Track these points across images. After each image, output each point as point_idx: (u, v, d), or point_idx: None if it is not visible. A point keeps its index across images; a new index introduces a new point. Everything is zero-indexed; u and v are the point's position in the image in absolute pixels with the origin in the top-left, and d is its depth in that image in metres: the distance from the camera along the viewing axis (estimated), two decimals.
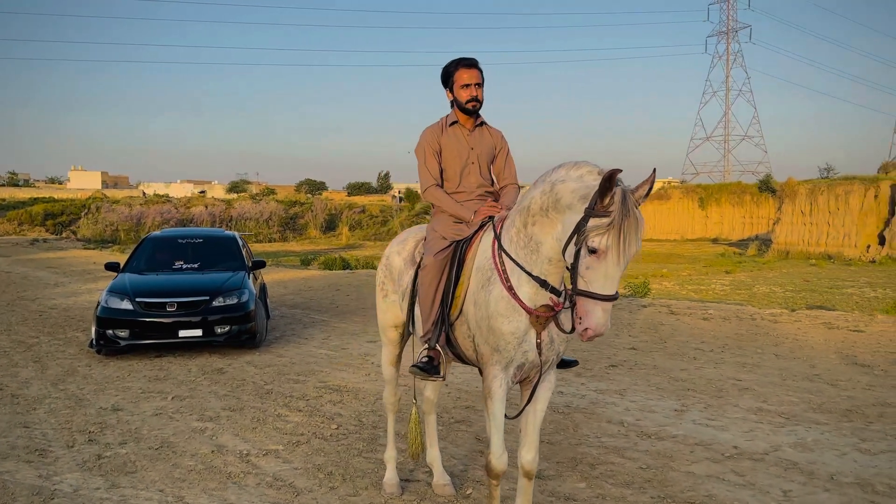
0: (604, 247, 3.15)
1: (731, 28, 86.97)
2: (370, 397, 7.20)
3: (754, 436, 5.90)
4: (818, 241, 39.57)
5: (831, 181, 42.58)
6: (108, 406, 6.95)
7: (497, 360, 3.70)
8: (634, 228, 3.14)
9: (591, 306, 3.21)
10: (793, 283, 24.41)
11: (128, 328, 9.17)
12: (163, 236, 11.63)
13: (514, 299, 3.61)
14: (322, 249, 42.45)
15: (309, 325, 11.74)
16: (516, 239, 3.65)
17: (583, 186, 3.33)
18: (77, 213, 54.81)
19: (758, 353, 9.27)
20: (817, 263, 33.81)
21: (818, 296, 20.66)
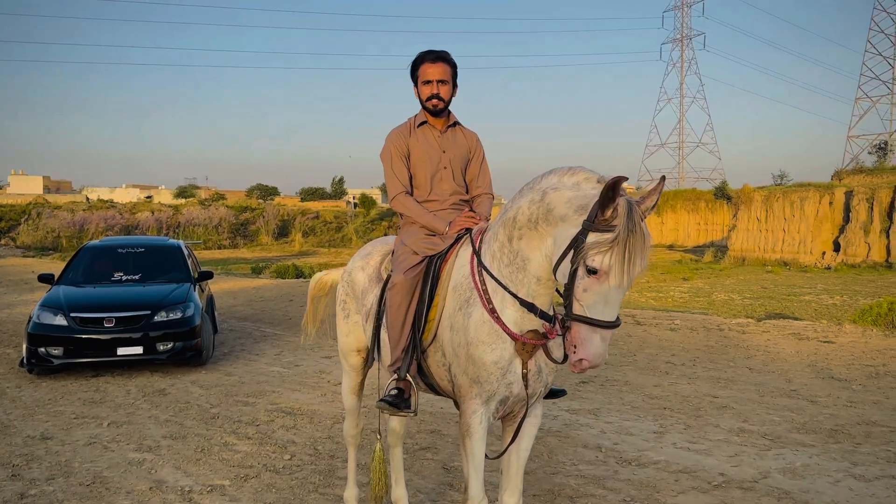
0: (605, 267, 2.71)
1: (686, 35, 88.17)
2: (326, 421, 6.65)
3: (740, 461, 5.53)
4: (774, 247, 40.10)
5: (786, 188, 43.24)
6: (37, 434, 6.27)
7: (477, 394, 3.22)
8: (641, 246, 2.71)
9: (588, 334, 2.79)
10: (750, 290, 24.51)
11: (62, 346, 8.44)
12: (101, 245, 10.87)
13: (498, 324, 3.14)
14: (274, 256, 41.53)
15: (260, 340, 11.10)
16: (500, 255, 3.19)
17: (580, 196, 2.89)
18: (17, 220, 52.76)
19: (731, 366, 8.97)
20: (773, 270, 34.18)
21: (777, 303, 20.71)
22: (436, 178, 3.78)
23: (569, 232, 2.85)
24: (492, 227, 3.32)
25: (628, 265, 2.69)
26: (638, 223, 2.70)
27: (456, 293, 3.33)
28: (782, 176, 56.93)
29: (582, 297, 2.78)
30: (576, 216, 2.84)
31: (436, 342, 3.41)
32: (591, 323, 2.77)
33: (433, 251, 3.57)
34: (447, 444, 5.94)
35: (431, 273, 3.51)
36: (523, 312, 3.12)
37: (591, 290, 2.76)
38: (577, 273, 2.79)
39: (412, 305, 3.48)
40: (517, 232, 3.10)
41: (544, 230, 2.99)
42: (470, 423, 3.24)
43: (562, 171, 3.03)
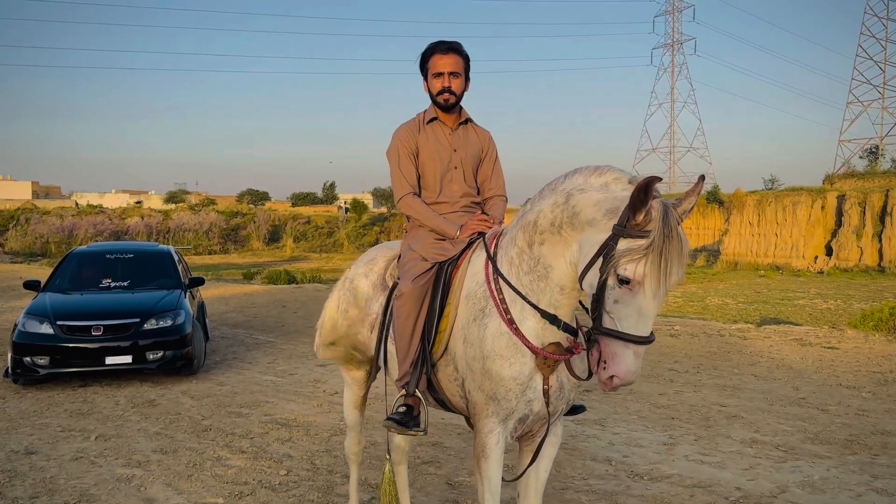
0: (639, 276, 2.48)
1: (677, 40, 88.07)
2: (323, 433, 6.40)
3: (756, 474, 5.31)
4: (766, 251, 40.05)
5: (779, 192, 43.20)
6: (21, 448, 5.99)
7: (494, 412, 2.98)
8: (678, 253, 2.49)
9: (621, 349, 2.56)
10: (744, 294, 24.33)
11: (48, 355, 8.15)
12: (89, 251, 10.57)
13: (517, 336, 2.90)
14: (265, 262, 41.18)
15: (253, 348, 10.83)
16: (518, 261, 2.95)
17: (609, 198, 2.65)
18: (5, 225, 52.17)
19: (735, 373, 8.77)
20: (766, 274, 34.05)
21: (771, 308, 20.54)
22: (446, 179, 3.54)
23: (597, 237, 2.62)
24: (508, 232, 3.08)
25: (664, 274, 2.47)
26: (674, 228, 2.48)
27: (469, 302, 3.09)
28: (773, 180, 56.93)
29: (612, 308, 2.56)
30: (605, 220, 2.61)
31: (447, 355, 3.17)
32: (623, 338, 2.55)
33: (444, 257, 3.33)
34: (450, 458, 5.70)
35: (442, 281, 3.26)
36: (545, 323, 2.90)
37: (623, 301, 2.54)
38: (607, 283, 2.56)
39: (421, 316, 3.23)
40: (538, 237, 2.87)
41: (569, 235, 2.76)
42: (486, 444, 3.00)
43: (588, 171, 2.79)
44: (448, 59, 3.48)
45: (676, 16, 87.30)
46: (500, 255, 3.07)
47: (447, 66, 3.47)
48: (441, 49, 3.50)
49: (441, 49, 3.50)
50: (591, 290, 2.65)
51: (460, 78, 3.52)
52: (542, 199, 2.91)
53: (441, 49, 3.50)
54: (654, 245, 2.45)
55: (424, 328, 3.23)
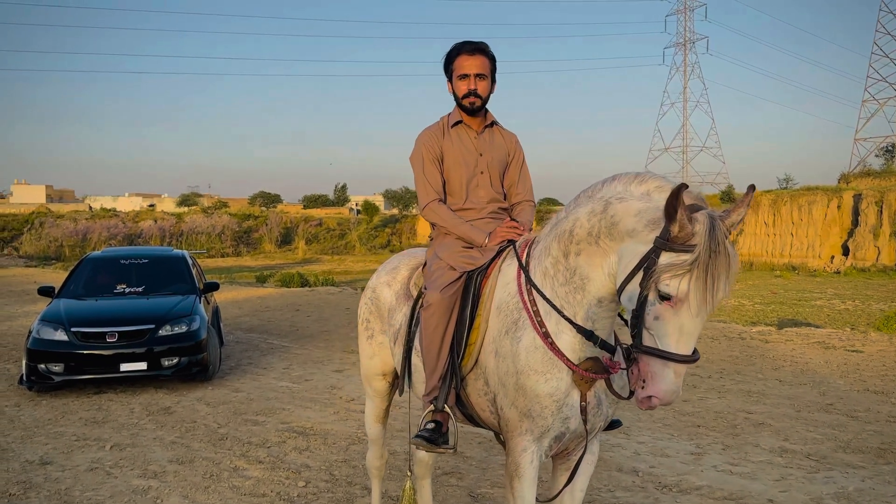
0: (682, 293, 2.34)
1: (689, 39, 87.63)
2: (341, 442, 6.28)
3: (788, 485, 5.15)
4: (782, 251, 39.66)
5: (794, 192, 42.80)
6: (36, 458, 5.91)
7: (528, 429, 2.84)
8: (725, 269, 2.33)
9: (660, 368, 2.42)
10: (760, 295, 24.10)
11: (63, 362, 8.07)
12: (103, 256, 10.50)
13: (552, 351, 2.76)
14: (278, 264, 41.19)
15: (267, 353, 10.73)
16: (553, 272, 2.81)
17: (651, 208, 2.51)
18: (19, 229, 52.45)
19: (759, 378, 8.59)
20: (782, 275, 33.76)
21: (788, 308, 20.32)
22: (472, 184, 3.40)
23: (637, 249, 2.48)
24: (542, 240, 2.94)
25: (710, 292, 2.31)
26: (722, 242, 2.32)
27: (501, 314, 2.95)
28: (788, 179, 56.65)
29: (653, 325, 2.42)
30: (646, 231, 2.46)
31: (477, 369, 3.03)
32: (664, 357, 2.40)
33: (472, 266, 3.19)
34: (472, 469, 5.57)
35: (472, 291, 3.12)
36: (582, 337, 2.75)
37: (664, 318, 2.39)
38: (648, 299, 2.42)
39: (450, 327, 3.09)
40: (574, 247, 2.73)
41: (607, 245, 2.62)
42: (519, 463, 2.86)
43: (628, 178, 2.65)
44: (474, 61, 3.35)
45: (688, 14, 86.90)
46: (532, 265, 2.93)
47: (473, 68, 3.34)
48: (467, 50, 3.36)
49: (467, 50, 3.36)
50: (631, 304, 2.51)
51: (486, 80, 3.39)
52: (578, 207, 2.78)
53: (467, 50, 3.36)
54: (699, 260, 2.30)
55: (453, 340, 3.09)
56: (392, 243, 52.47)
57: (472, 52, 3.36)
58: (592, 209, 2.69)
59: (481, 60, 3.37)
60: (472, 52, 3.36)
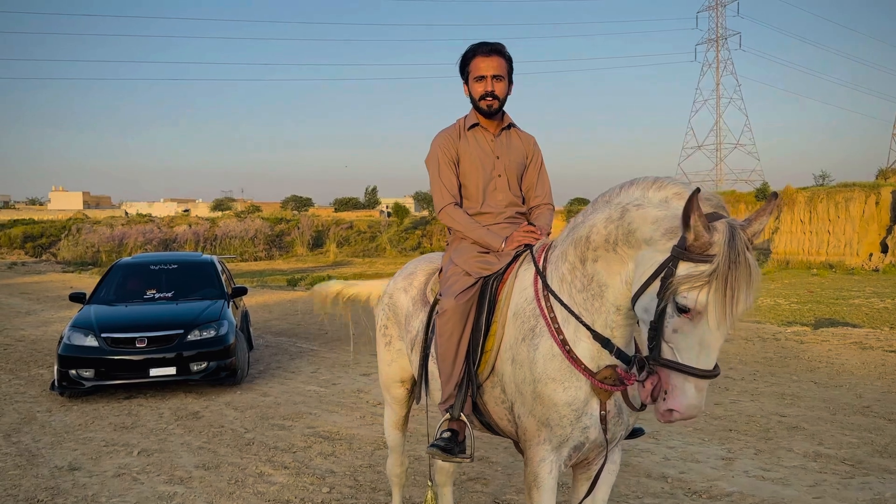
0: (700, 306, 2.24)
1: (721, 35, 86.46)
2: (366, 447, 6.25)
3: (822, 491, 5.00)
4: (819, 249, 38.88)
5: (830, 188, 41.94)
6: (65, 464, 5.96)
7: (547, 438, 2.77)
8: (746, 280, 2.23)
9: (681, 382, 2.34)
10: (797, 294, 23.61)
11: (93, 367, 8.17)
12: (133, 262, 10.63)
13: (569, 359, 2.69)
14: (309, 267, 41.40)
15: (296, 356, 10.77)
16: (570, 278, 2.74)
17: (669, 216, 2.42)
18: (57, 235, 53.41)
19: (794, 380, 8.40)
20: (819, 273, 33.06)
21: (825, 307, 19.88)
22: (489, 188, 3.34)
23: (654, 258, 2.40)
24: (559, 245, 2.87)
25: (730, 304, 2.21)
26: (742, 252, 2.22)
27: (518, 320, 2.88)
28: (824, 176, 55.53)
29: (672, 338, 2.33)
30: (664, 240, 2.38)
31: (494, 376, 2.96)
32: (684, 371, 2.31)
33: (488, 271, 3.13)
34: (497, 474, 5.50)
35: (487, 296, 3.05)
36: (600, 345, 2.68)
37: (683, 331, 2.30)
38: (666, 311, 2.32)
39: (465, 334, 3.03)
40: (591, 253, 2.66)
41: (625, 253, 2.55)
42: (538, 473, 2.79)
43: (646, 184, 2.56)
44: (491, 62, 3.29)
45: (720, 10, 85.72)
46: (549, 271, 2.86)
47: (490, 69, 3.29)
48: (483, 51, 3.30)
49: (483, 51, 3.30)
50: (646, 315, 2.42)
51: (503, 82, 3.33)
52: (595, 212, 2.70)
53: (483, 51, 3.30)
54: (718, 271, 2.20)
55: (469, 347, 3.03)
56: (422, 245, 52.48)
57: (489, 53, 3.30)
58: (609, 216, 2.61)
59: (498, 61, 3.31)
60: (489, 54, 3.30)
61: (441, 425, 3.13)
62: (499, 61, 3.31)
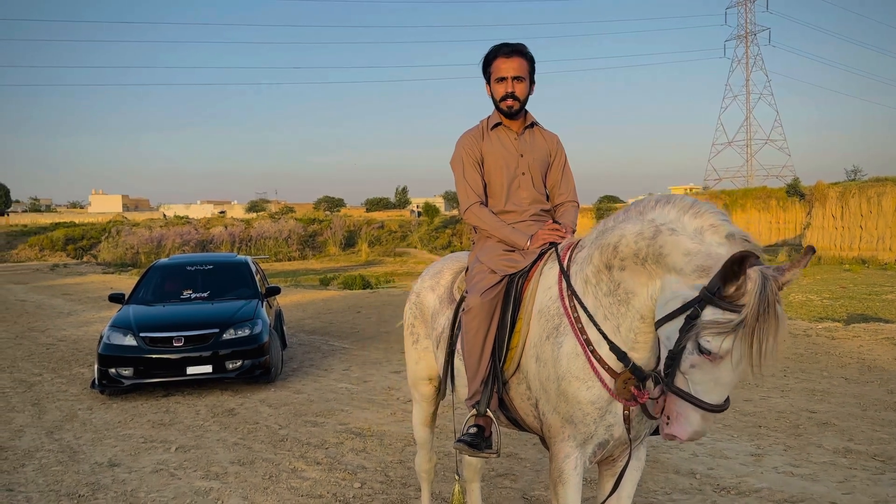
0: (723, 352, 2.26)
1: (750, 31, 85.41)
2: (397, 443, 6.36)
3: (852, 487, 4.99)
4: (851, 245, 38.20)
5: (862, 183, 41.16)
6: (105, 461, 6.16)
7: (571, 435, 2.81)
8: (773, 333, 2.21)
9: (688, 411, 2.40)
10: (829, 289, 23.25)
11: (132, 366, 8.41)
12: (170, 263, 10.89)
13: (592, 361, 2.72)
14: (342, 267, 41.72)
15: (328, 354, 10.93)
16: (595, 280, 2.76)
17: (702, 252, 2.39)
18: (97, 237, 54.49)
19: (825, 376, 8.33)
20: (852, 268, 32.49)
21: (857, 303, 19.56)
22: (513, 186, 3.39)
23: (682, 290, 2.39)
24: (585, 246, 2.89)
25: (755, 356, 2.21)
26: (772, 304, 2.20)
27: (542, 318, 2.92)
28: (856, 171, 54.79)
29: (688, 372, 2.36)
30: (693, 276, 2.37)
31: (519, 373, 3.02)
32: (693, 403, 2.36)
33: (513, 269, 3.18)
34: (526, 470, 5.57)
35: (513, 294, 3.11)
36: (625, 347, 2.70)
37: (701, 369, 2.33)
38: (687, 347, 2.34)
39: (491, 331, 3.09)
40: (618, 262, 2.67)
41: (653, 270, 2.55)
42: (563, 469, 2.83)
43: (682, 206, 2.53)
44: (512, 63, 3.34)
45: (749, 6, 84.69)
46: (574, 271, 2.89)
47: (511, 70, 3.34)
48: (504, 52, 3.36)
49: (504, 52, 3.36)
50: (667, 342, 2.44)
51: (524, 82, 3.37)
52: (626, 222, 2.70)
53: (504, 52, 3.36)
54: (746, 323, 2.19)
55: (495, 344, 3.09)
56: (453, 244, 52.58)
57: (510, 54, 3.35)
58: (641, 232, 2.60)
59: (519, 62, 3.36)
60: (510, 55, 3.35)
61: (468, 421, 3.19)
62: (520, 62, 3.35)
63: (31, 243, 54.54)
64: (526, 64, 3.38)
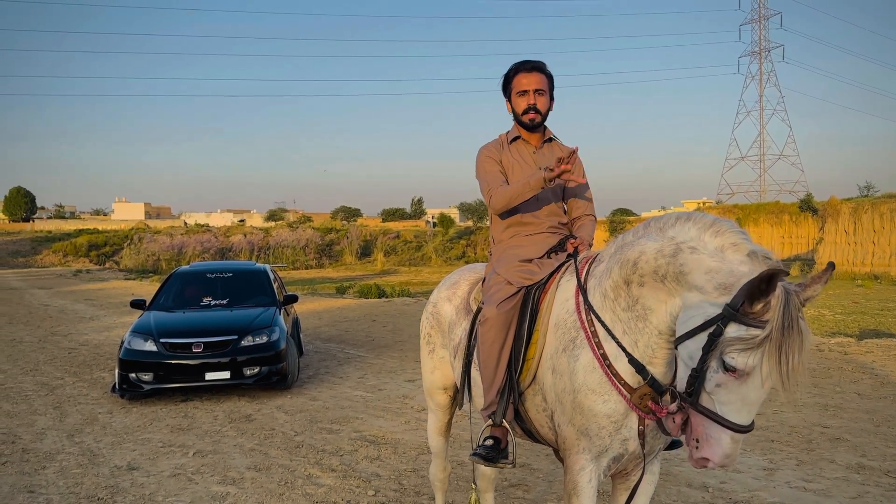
0: (749, 368, 2.24)
1: (764, 48, 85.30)
2: (411, 451, 6.43)
3: (865, 503, 5.00)
4: (863, 260, 37.93)
5: (875, 199, 40.89)
6: (124, 464, 6.27)
7: (586, 448, 2.83)
8: (798, 348, 2.20)
9: (717, 433, 2.34)
10: (841, 304, 23.06)
11: (152, 371, 8.54)
12: (191, 271, 11.05)
13: (608, 375, 2.75)
14: (358, 276, 41.91)
15: (344, 362, 11.03)
16: (613, 296, 2.78)
17: (724, 270, 2.40)
18: (120, 244, 55.17)
19: (838, 391, 8.31)
20: (864, 284, 32.20)
21: (870, 318, 19.39)
22: (531, 199, 3.44)
23: (703, 308, 2.39)
24: (604, 260, 2.92)
25: (781, 370, 2.19)
26: (796, 319, 2.20)
27: (559, 331, 2.96)
28: (869, 187, 54.53)
29: (714, 391, 2.33)
30: (715, 294, 2.37)
31: (535, 384, 3.06)
32: (722, 423, 2.32)
33: (530, 281, 3.23)
34: (538, 481, 5.61)
35: (530, 306, 3.15)
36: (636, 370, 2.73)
37: (727, 387, 2.30)
38: (711, 365, 2.33)
39: (507, 342, 3.14)
40: (637, 278, 2.68)
41: (673, 288, 2.56)
42: (577, 482, 2.85)
43: (703, 224, 2.55)
44: (533, 77, 3.44)
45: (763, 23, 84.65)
46: (591, 285, 2.91)
47: (532, 84, 3.44)
48: (525, 68, 3.46)
49: (525, 68, 3.46)
50: (690, 361, 2.41)
51: (545, 96, 3.48)
52: (646, 239, 2.72)
53: (525, 68, 3.46)
54: (771, 338, 2.19)
55: (511, 355, 3.13)
56: (467, 254, 52.65)
57: (530, 69, 3.46)
58: (661, 249, 2.62)
59: (539, 77, 3.46)
60: (530, 70, 3.46)
61: (483, 431, 3.24)
62: (540, 77, 3.46)
63: (56, 249, 55.28)
64: (546, 79, 3.48)
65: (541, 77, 3.45)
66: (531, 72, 3.45)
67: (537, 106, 3.44)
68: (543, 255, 3.33)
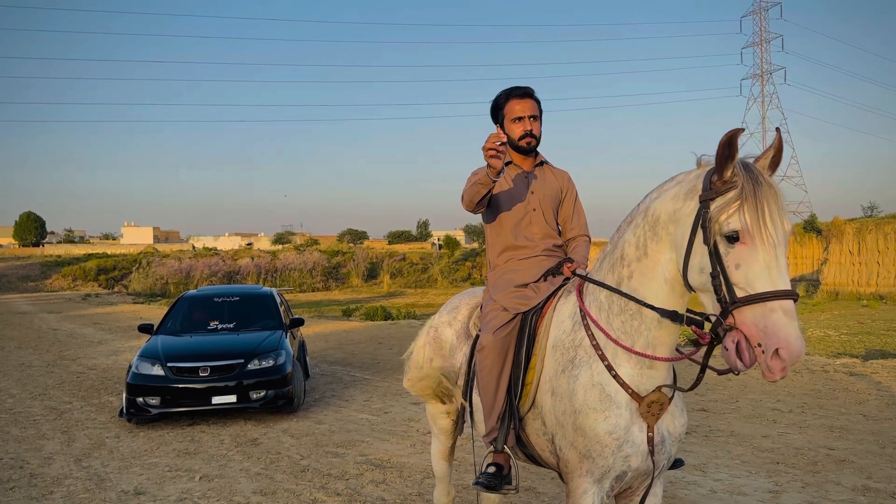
0: (745, 224, 2.32)
1: (766, 70, 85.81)
2: (416, 475, 6.45)
3: None
4: (868, 280, 37.87)
5: (879, 220, 40.94)
6: (131, 489, 6.31)
7: (588, 470, 2.84)
8: (774, 199, 2.34)
9: (771, 316, 2.22)
10: (846, 325, 22.96)
11: (159, 395, 8.60)
12: (198, 295, 11.14)
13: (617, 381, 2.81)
14: (364, 298, 41.97)
15: (350, 385, 11.06)
16: (607, 304, 2.87)
17: (685, 184, 2.61)
18: (129, 268, 55.32)
19: (843, 413, 8.30)
20: (869, 304, 32.08)
21: (876, 339, 19.29)
22: (524, 222, 3.53)
23: (687, 221, 2.52)
24: (594, 274, 3.01)
25: (770, 220, 2.30)
26: (759, 174, 2.38)
27: (557, 352, 3.01)
28: (872, 207, 54.59)
29: (737, 276, 2.34)
30: (688, 202, 2.54)
31: (534, 409, 3.09)
32: (765, 298, 2.24)
33: (526, 306, 3.28)
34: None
35: (527, 331, 3.20)
36: (641, 369, 2.79)
37: (745, 261, 2.33)
38: (720, 252, 2.39)
39: (506, 368, 3.18)
40: (626, 270, 2.79)
41: (654, 250, 2.68)
42: None
43: (660, 184, 2.77)
44: (526, 104, 3.54)
45: (764, 46, 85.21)
46: (588, 301, 2.99)
47: (526, 111, 3.53)
48: (517, 94, 3.55)
49: (517, 94, 3.55)
50: (703, 274, 2.44)
51: (538, 121, 3.58)
52: (626, 230, 2.87)
53: (517, 94, 3.55)
54: (745, 191, 2.33)
55: (510, 381, 3.17)
56: (472, 276, 52.66)
57: (522, 96, 3.55)
58: (636, 223, 2.79)
59: (531, 103, 3.56)
60: (522, 97, 3.55)
61: (486, 458, 3.26)
62: (532, 103, 3.56)
63: (65, 273, 55.48)
64: (536, 105, 3.59)
65: (533, 103, 3.56)
66: (524, 98, 3.55)
67: (533, 131, 3.55)
68: (539, 279, 3.39)
